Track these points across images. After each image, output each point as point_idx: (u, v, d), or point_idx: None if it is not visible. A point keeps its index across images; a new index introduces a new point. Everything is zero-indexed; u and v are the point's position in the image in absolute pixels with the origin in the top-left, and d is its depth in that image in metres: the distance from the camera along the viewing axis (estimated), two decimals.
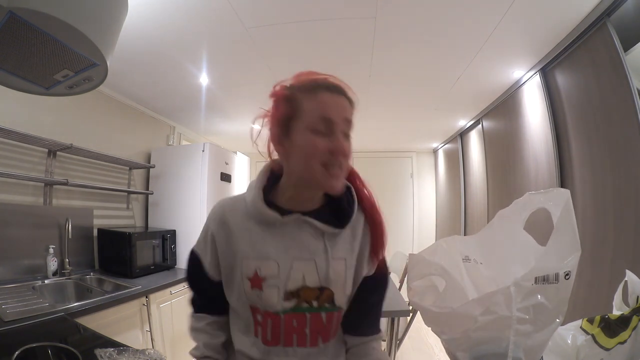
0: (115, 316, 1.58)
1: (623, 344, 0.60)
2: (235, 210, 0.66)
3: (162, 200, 2.73)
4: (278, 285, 0.61)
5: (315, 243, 0.63)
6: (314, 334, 0.63)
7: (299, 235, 0.63)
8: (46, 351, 0.81)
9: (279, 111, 0.61)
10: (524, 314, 0.56)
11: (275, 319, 0.62)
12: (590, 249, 1.58)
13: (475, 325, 0.58)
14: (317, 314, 0.63)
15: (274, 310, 0.61)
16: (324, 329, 0.64)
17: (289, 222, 0.63)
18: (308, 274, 0.62)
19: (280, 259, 0.61)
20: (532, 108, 2.10)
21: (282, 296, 0.61)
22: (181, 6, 1.46)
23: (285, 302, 0.61)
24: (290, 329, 0.62)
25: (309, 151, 0.56)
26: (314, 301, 0.62)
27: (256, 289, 0.61)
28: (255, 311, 0.63)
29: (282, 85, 0.63)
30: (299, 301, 0.62)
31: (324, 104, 0.57)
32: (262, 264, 0.61)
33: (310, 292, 0.62)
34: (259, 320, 0.63)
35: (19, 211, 1.75)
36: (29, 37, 0.80)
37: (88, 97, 2.08)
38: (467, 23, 1.60)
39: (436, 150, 4.54)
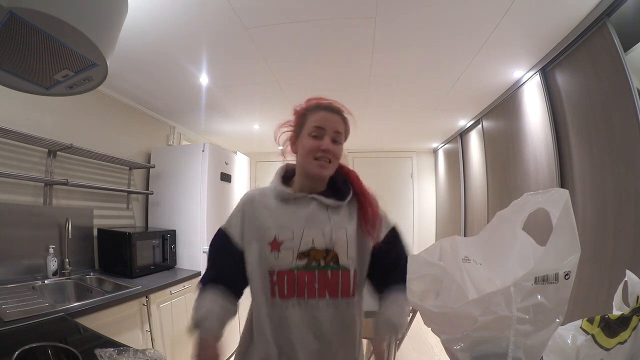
0: (115, 316, 1.58)
1: (623, 344, 0.60)
2: (263, 194, 0.90)
3: (162, 200, 2.73)
4: (292, 248, 0.80)
5: (321, 215, 0.83)
6: (322, 288, 0.80)
7: (308, 209, 0.84)
8: (46, 351, 0.81)
9: (294, 123, 0.89)
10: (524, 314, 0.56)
11: (290, 275, 0.79)
12: (590, 249, 1.58)
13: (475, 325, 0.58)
14: (324, 271, 0.80)
15: (289, 267, 0.79)
16: (330, 284, 0.81)
17: (300, 199, 0.85)
18: (317, 238, 0.81)
19: (294, 227, 0.81)
20: (532, 108, 2.10)
21: (295, 256, 0.79)
22: (181, 6, 1.46)
23: (298, 261, 0.79)
24: (302, 283, 0.79)
25: (307, 148, 0.82)
26: (322, 260, 0.80)
27: (275, 251, 0.80)
28: (271, 274, 0.80)
29: (300, 106, 0.90)
30: (309, 260, 0.80)
31: (320, 117, 0.83)
32: (280, 232, 0.81)
33: (318, 253, 0.80)
34: (275, 280, 0.80)
35: (19, 211, 1.75)
36: (29, 37, 0.80)
37: (88, 97, 2.08)
38: (467, 23, 1.60)
39: (436, 150, 4.54)
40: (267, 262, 0.80)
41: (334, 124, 0.83)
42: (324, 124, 0.82)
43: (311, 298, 0.79)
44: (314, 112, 0.85)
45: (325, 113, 0.84)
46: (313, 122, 0.83)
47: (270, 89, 2.42)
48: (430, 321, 0.73)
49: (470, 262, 0.83)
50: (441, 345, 0.70)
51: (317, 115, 0.84)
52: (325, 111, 0.84)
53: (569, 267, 0.56)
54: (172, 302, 2.08)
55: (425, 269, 0.89)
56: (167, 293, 2.04)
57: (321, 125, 0.82)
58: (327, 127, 0.82)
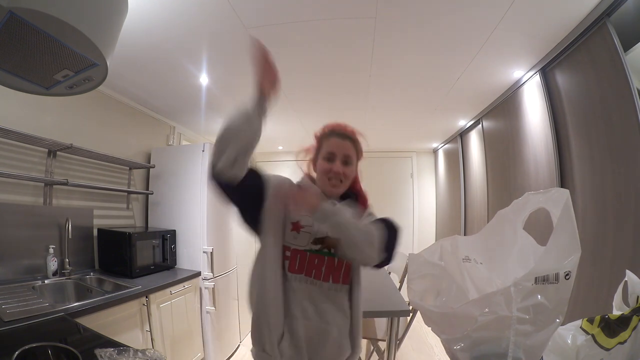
0: (115, 316, 1.58)
1: (623, 344, 0.60)
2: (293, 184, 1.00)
3: (162, 200, 2.73)
4: (310, 232, 0.92)
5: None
6: (328, 272, 0.91)
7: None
8: (46, 351, 0.81)
9: (315, 146, 1.02)
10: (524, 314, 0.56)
11: (302, 254, 0.91)
12: (590, 249, 1.58)
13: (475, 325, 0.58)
14: (332, 257, 0.92)
15: (304, 248, 0.91)
16: (335, 269, 0.92)
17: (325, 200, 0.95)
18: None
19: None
20: (532, 108, 2.10)
21: (311, 240, 0.91)
22: (181, 6, 1.46)
23: (313, 245, 0.91)
24: (312, 264, 0.91)
25: (321, 170, 0.96)
26: (332, 249, 0.91)
27: (294, 232, 0.91)
28: (285, 249, 0.91)
29: (318, 132, 1.02)
30: (322, 246, 0.91)
31: (331, 143, 0.96)
32: (303, 218, 0.91)
33: (332, 241, 0.91)
34: (287, 255, 0.91)
35: (19, 211, 1.75)
36: (29, 37, 0.81)
37: (88, 97, 2.08)
38: (467, 23, 1.60)
39: (436, 150, 4.54)
40: (285, 239, 0.91)
41: (344, 149, 0.95)
42: (335, 149, 0.95)
43: (317, 279, 0.90)
44: (328, 138, 0.97)
45: (336, 139, 0.96)
46: (326, 147, 0.96)
47: None
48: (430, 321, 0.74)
49: (471, 262, 0.83)
50: (441, 345, 0.70)
51: (330, 141, 0.96)
52: (337, 137, 0.96)
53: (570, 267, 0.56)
54: (172, 302, 2.08)
55: (425, 269, 0.90)
56: (167, 293, 2.04)
57: (332, 150, 0.95)
58: (337, 152, 0.94)
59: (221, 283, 2.62)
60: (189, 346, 2.25)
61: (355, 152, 0.98)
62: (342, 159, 0.95)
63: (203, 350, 2.41)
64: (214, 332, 2.47)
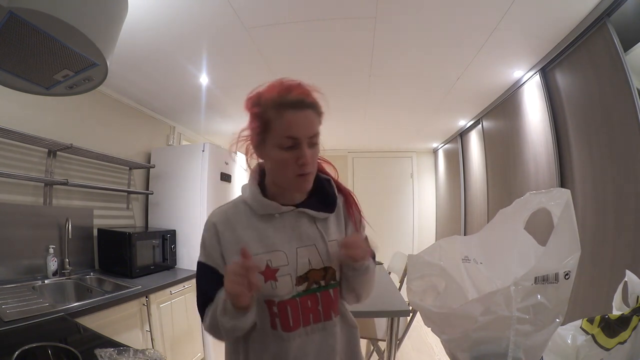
0: (115, 316, 1.58)
1: (623, 344, 0.60)
2: (237, 210, 0.73)
3: (162, 200, 2.73)
4: (290, 273, 0.69)
5: (311, 230, 0.72)
6: (326, 309, 0.72)
7: (297, 225, 0.72)
8: (46, 351, 0.81)
9: (253, 126, 0.69)
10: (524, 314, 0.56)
11: (293, 303, 0.69)
12: (590, 249, 1.58)
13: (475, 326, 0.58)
14: (326, 291, 0.72)
15: (290, 296, 0.69)
16: (334, 303, 0.73)
17: (287, 213, 0.71)
18: (312, 257, 0.70)
19: (286, 249, 0.70)
20: (532, 108, 2.09)
21: (294, 282, 0.69)
22: (181, 6, 1.46)
23: (298, 287, 0.69)
24: (307, 309, 0.70)
25: (281, 165, 0.66)
26: (322, 281, 0.71)
27: (270, 281, 0.68)
28: (270, 304, 0.69)
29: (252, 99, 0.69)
30: (309, 283, 0.70)
31: (289, 123, 0.63)
32: (272, 256, 0.68)
33: (317, 273, 0.71)
34: (275, 312, 0.69)
35: (19, 211, 1.75)
36: (29, 37, 0.80)
37: (88, 97, 2.08)
38: (467, 23, 1.60)
39: (436, 150, 4.54)
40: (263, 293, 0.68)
41: (308, 128, 0.64)
42: (296, 132, 0.63)
43: (317, 323, 0.71)
44: (278, 114, 0.64)
45: (294, 114, 0.63)
46: (282, 131, 0.63)
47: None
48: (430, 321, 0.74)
49: (471, 262, 0.83)
50: (441, 345, 0.70)
51: (284, 120, 0.63)
52: (295, 110, 0.63)
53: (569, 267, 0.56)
54: (172, 302, 2.08)
55: (425, 269, 0.89)
56: (167, 293, 2.04)
57: (294, 134, 0.63)
58: (301, 135, 0.64)
59: None
60: (189, 346, 2.25)
61: (319, 122, 0.67)
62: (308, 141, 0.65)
63: (203, 350, 2.41)
64: None
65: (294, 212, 0.72)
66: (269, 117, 0.65)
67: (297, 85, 0.67)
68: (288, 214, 0.72)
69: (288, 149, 0.64)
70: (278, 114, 0.64)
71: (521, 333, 0.56)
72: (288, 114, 0.63)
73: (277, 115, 0.64)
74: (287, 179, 0.67)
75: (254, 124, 0.68)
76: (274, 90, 0.66)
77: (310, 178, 0.68)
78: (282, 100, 0.64)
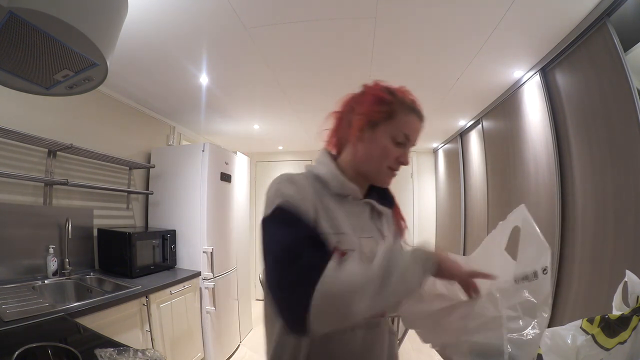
0: (115, 316, 1.58)
1: (623, 344, 0.60)
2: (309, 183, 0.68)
3: (162, 200, 2.73)
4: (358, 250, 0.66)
5: (373, 222, 0.74)
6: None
7: (361, 215, 0.73)
8: (46, 351, 0.81)
9: (374, 109, 0.70)
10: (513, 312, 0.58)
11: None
12: (590, 249, 1.58)
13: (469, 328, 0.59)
14: None
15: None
16: None
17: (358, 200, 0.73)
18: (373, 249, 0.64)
19: (352, 235, 0.67)
20: (532, 108, 2.09)
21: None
22: (181, 6, 1.46)
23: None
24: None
25: (384, 154, 0.69)
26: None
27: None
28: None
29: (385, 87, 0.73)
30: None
31: (411, 124, 0.70)
32: (340, 238, 0.64)
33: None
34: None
35: (19, 211, 1.75)
36: (29, 37, 0.80)
37: (88, 97, 2.08)
38: (467, 23, 1.60)
39: (436, 150, 4.54)
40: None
41: (418, 134, 0.72)
42: (413, 133, 0.70)
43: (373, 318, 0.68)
44: (406, 113, 0.70)
45: (416, 119, 0.71)
46: (403, 127, 0.69)
47: (270, 89, 2.42)
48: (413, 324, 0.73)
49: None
50: None
51: (409, 120, 0.70)
52: (417, 116, 0.71)
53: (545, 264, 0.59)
54: (172, 302, 2.08)
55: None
56: (167, 293, 2.04)
57: (410, 134, 0.70)
58: (413, 138, 0.71)
59: (221, 283, 2.62)
60: (189, 346, 2.25)
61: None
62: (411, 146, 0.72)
63: (203, 350, 2.41)
64: (214, 332, 2.47)
65: (362, 201, 0.74)
66: (397, 109, 0.69)
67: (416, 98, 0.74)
68: (359, 202, 0.73)
69: (397, 144, 0.69)
70: (407, 112, 0.70)
71: (513, 330, 0.56)
72: (413, 117, 0.71)
73: (406, 112, 0.70)
74: (379, 169, 0.71)
75: (377, 107, 0.70)
76: (406, 94, 0.73)
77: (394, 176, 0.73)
78: (413, 106, 0.71)
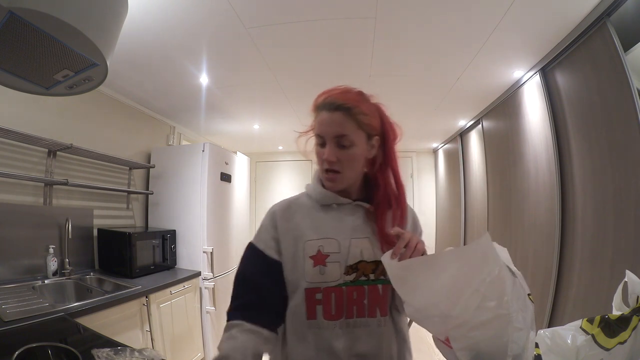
0: (115, 316, 1.58)
1: (623, 344, 0.60)
2: (298, 202, 0.80)
3: (162, 200, 2.73)
4: (339, 261, 0.70)
5: (366, 223, 0.75)
6: (372, 305, 0.70)
7: (353, 217, 0.75)
8: (46, 351, 0.81)
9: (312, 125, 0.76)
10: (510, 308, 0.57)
11: (338, 291, 0.69)
12: (590, 249, 1.58)
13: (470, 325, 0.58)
14: (375, 286, 0.71)
15: (337, 283, 0.69)
16: (382, 300, 0.71)
17: (344, 205, 0.76)
18: (365, 249, 0.71)
19: (340, 238, 0.72)
20: (532, 108, 2.10)
21: (343, 270, 0.70)
22: (181, 6, 1.46)
23: (346, 276, 0.70)
24: (351, 300, 0.69)
25: (318, 160, 0.74)
26: (371, 274, 0.71)
27: (319, 266, 0.70)
28: (313, 292, 0.70)
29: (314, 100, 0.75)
30: (358, 274, 0.70)
31: (321, 121, 0.71)
32: (324, 243, 0.71)
33: (368, 265, 0.71)
34: (319, 299, 0.69)
35: (19, 211, 1.75)
36: (29, 37, 0.80)
37: (88, 97, 2.09)
38: (467, 23, 1.60)
39: (436, 150, 4.54)
40: (309, 279, 0.70)
41: (333, 128, 0.69)
42: (321, 129, 0.70)
43: (361, 317, 0.70)
44: (317, 115, 0.72)
45: (324, 114, 0.70)
46: (317, 130, 0.72)
47: (270, 89, 2.42)
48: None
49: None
50: None
51: (319, 119, 0.71)
52: (325, 111, 0.70)
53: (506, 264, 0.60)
54: (172, 302, 2.08)
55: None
56: (167, 293, 2.04)
57: (319, 132, 0.71)
58: (325, 134, 0.70)
59: (221, 283, 2.62)
60: (189, 346, 2.25)
61: (355, 125, 0.69)
62: (335, 141, 0.69)
63: (203, 350, 2.41)
64: (214, 332, 2.47)
65: (351, 204, 0.76)
66: (314, 116, 0.74)
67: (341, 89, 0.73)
68: (346, 206, 0.76)
69: (319, 145, 0.72)
70: (317, 113, 0.73)
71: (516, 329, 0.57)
72: (322, 114, 0.71)
73: (316, 114, 0.73)
74: (320, 174, 0.75)
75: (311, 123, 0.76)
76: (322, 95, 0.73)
77: (333, 177, 0.72)
78: (322, 103, 0.72)
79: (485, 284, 0.57)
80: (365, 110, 0.70)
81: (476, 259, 0.59)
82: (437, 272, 0.61)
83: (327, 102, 0.71)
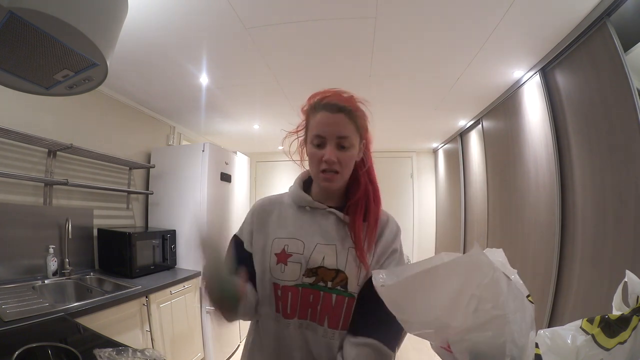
0: (115, 316, 1.58)
1: (623, 344, 0.60)
2: (278, 201, 0.83)
3: (162, 200, 2.73)
4: (301, 262, 0.72)
5: (336, 231, 0.75)
6: (322, 313, 0.72)
7: (326, 222, 0.76)
8: (46, 351, 0.81)
9: (299, 127, 0.79)
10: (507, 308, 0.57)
11: (294, 291, 0.72)
12: (590, 249, 1.58)
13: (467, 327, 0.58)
14: (329, 294, 0.71)
15: (295, 283, 0.72)
16: (332, 311, 0.72)
17: (317, 210, 0.77)
18: (328, 256, 0.72)
19: (306, 240, 0.74)
20: (532, 108, 2.10)
21: (303, 272, 0.72)
22: (181, 6, 1.46)
23: (305, 278, 0.72)
24: (306, 303, 0.72)
25: (311, 160, 0.74)
26: (330, 282, 0.71)
27: (281, 264, 0.73)
28: (276, 287, 0.73)
29: (308, 100, 0.76)
30: (317, 279, 0.72)
31: (320, 121, 0.71)
32: (290, 242, 0.74)
33: (327, 272, 0.72)
34: (279, 295, 0.73)
35: (19, 211, 1.75)
36: (29, 37, 0.80)
37: (88, 97, 2.09)
38: (467, 23, 1.60)
39: (436, 150, 4.54)
40: (272, 274, 0.73)
41: (335, 129, 0.70)
42: (323, 130, 0.70)
43: (313, 321, 0.72)
44: (315, 114, 0.72)
45: (325, 115, 0.70)
46: (314, 129, 0.71)
47: (270, 89, 2.42)
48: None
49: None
50: None
51: (318, 119, 0.71)
52: (326, 111, 0.70)
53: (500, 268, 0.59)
54: (172, 302, 2.08)
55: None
56: (167, 293, 2.04)
57: (320, 133, 0.70)
58: (327, 134, 0.70)
59: None
60: (189, 346, 2.25)
61: (354, 128, 0.71)
62: (336, 142, 0.70)
63: (203, 350, 2.41)
64: (214, 332, 2.47)
65: (325, 210, 0.77)
66: (309, 116, 0.75)
67: (340, 91, 0.74)
68: (320, 211, 0.77)
69: (317, 146, 0.72)
70: (315, 113, 0.73)
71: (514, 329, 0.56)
72: (322, 114, 0.71)
73: (314, 114, 0.73)
74: (315, 175, 0.75)
75: (301, 123, 0.78)
76: (318, 95, 0.74)
77: (331, 177, 0.72)
78: (321, 103, 0.72)
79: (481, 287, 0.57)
80: (361, 114, 0.74)
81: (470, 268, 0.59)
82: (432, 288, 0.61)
83: (328, 103, 0.71)
